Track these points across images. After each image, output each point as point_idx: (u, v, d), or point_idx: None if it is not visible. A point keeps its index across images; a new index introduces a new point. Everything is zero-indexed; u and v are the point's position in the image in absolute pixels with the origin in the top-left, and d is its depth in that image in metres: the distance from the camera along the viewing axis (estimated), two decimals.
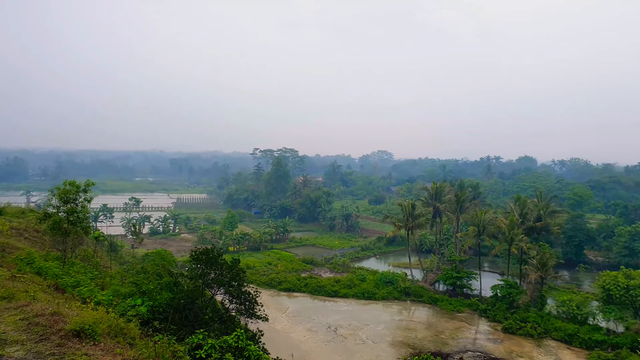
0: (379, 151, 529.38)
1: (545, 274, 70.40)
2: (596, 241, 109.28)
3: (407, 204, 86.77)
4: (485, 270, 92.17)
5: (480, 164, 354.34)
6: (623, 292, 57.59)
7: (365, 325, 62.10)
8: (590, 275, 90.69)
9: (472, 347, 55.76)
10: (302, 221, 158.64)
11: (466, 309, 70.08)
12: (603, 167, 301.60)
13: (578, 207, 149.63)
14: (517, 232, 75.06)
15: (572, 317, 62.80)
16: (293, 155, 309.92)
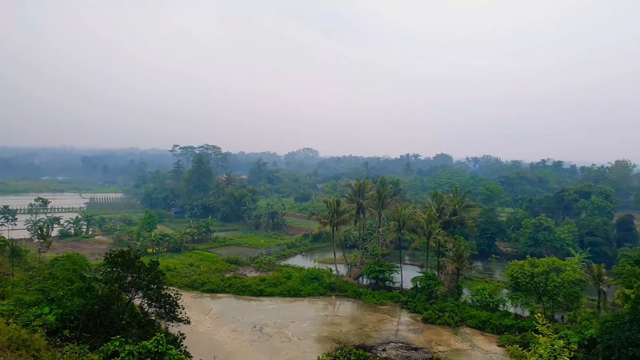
0: (304, 149, 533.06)
1: (461, 265, 74.87)
2: (506, 233, 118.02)
3: (332, 201, 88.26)
4: (406, 263, 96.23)
5: (400, 162, 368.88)
6: (528, 280, 62.74)
7: (291, 323, 62.36)
8: (501, 264, 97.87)
9: (395, 339, 58.01)
10: (226, 220, 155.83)
11: (388, 301, 72.75)
12: (511, 164, 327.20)
13: (490, 201, 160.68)
14: (434, 226, 79.11)
15: (485, 305, 67.43)
16: (216, 152, 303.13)
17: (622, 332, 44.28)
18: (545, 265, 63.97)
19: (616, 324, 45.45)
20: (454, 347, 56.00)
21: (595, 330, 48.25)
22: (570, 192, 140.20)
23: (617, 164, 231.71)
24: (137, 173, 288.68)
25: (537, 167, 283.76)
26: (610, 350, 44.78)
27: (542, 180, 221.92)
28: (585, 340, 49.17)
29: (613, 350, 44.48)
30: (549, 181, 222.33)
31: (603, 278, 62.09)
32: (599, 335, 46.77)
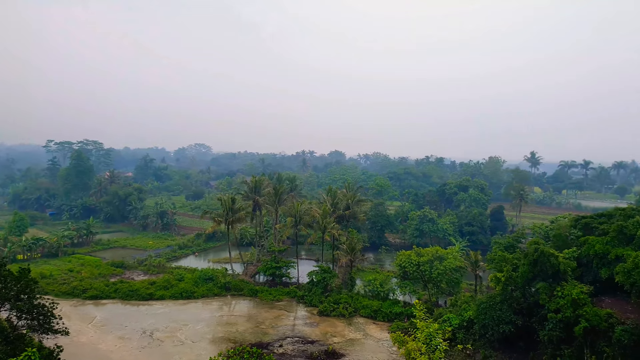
0: (196, 144, 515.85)
1: (354, 258, 78.05)
2: (394, 225, 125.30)
3: (226, 199, 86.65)
4: (302, 258, 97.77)
5: (296, 158, 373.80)
6: (415, 268, 67.36)
7: (184, 326, 60.15)
8: (391, 255, 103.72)
9: (291, 334, 58.74)
10: (110, 221, 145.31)
11: (285, 297, 73.42)
12: (399, 161, 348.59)
13: (379, 196, 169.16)
14: (329, 221, 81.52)
15: (376, 295, 71.04)
16: (97, 148, 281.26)
17: (495, 311, 49.49)
18: (430, 254, 69.15)
19: (489, 304, 50.67)
20: (348, 337, 58.23)
21: (473, 312, 53.26)
22: (450, 186, 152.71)
23: (490, 160, 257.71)
24: (4, 171, 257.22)
25: (422, 163, 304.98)
26: (485, 329, 49.81)
27: (426, 175, 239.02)
28: (464, 321, 54.08)
29: (487, 329, 49.54)
30: (432, 176, 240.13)
31: (479, 264, 68.73)
32: (476, 316, 51.74)
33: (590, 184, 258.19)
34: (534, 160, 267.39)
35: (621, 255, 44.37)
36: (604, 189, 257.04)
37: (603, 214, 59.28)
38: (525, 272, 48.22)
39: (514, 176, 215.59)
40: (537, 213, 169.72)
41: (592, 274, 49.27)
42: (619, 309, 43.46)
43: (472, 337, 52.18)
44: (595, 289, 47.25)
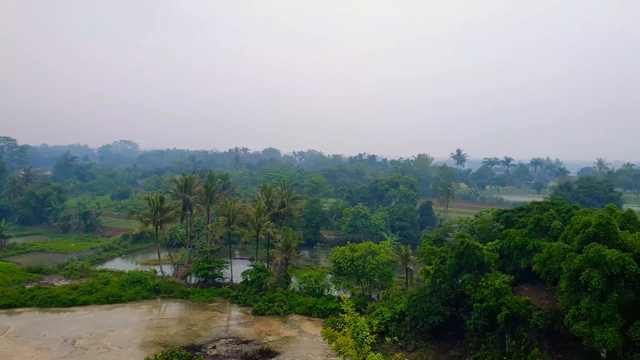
0: (122, 141, 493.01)
1: (289, 255, 78.06)
2: (329, 222, 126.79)
3: (154, 198, 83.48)
4: (236, 257, 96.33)
5: (229, 155, 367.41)
6: (349, 264, 68.53)
7: (110, 332, 57.23)
8: (326, 252, 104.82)
9: (225, 334, 57.74)
10: (26, 224, 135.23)
11: (218, 298, 72.02)
12: (333, 158, 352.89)
13: (315, 193, 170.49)
14: (264, 219, 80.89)
15: (312, 291, 71.52)
16: (10, 144, 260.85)
17: (425, 303, 51.49)
18: (363, 249, 70.66)
19: (420, 297, 52.65)
20: (283, 335, 58.17)
21: (404, 305, 55.08)
22: (382, 182, 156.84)
23: (419, 157, 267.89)
24: None
25: (355, 160, 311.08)
26: (416, 320, 51.68)
27: (360, 173, 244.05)
28: (396, 314, 55.77)
29: (418, 320, 51.43)
30: (365, 173, 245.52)
31: (409, 257, 71.21)
32: (407, 309, 53.56)
33: (511, 179, 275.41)
34: (460, 158, 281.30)
35: (538, 246, 47.70)
36: (523, 185, 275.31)
37: (522, 208, 63.43)
38: (452, 265, 50.55)
39: (442, 173, 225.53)
40: (463, 208, 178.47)
41: (513, 264, 52.59)
42: (536, 296, 46.77)
43: (404, 328, 53.96)
44: (516, 278, 50.53)
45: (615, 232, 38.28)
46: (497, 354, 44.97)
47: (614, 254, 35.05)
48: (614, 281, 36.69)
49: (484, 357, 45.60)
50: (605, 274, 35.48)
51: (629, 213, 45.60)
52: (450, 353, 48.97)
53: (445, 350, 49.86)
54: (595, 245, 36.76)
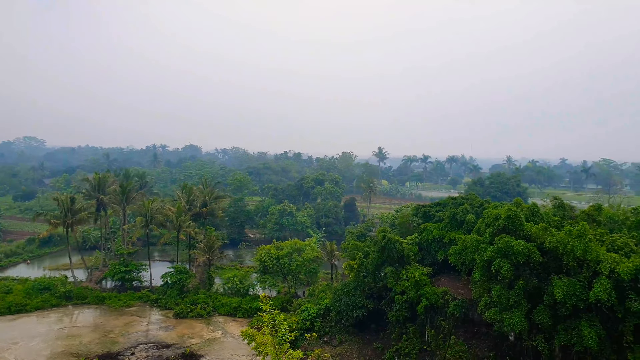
0: (25, 137, 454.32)
1: (212, 256, 76.41)
2: (254, 220, 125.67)
3: (64, 198, 78.02)
4: (155, 260, 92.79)
5: (147, 153, 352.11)
6: (275, 262, 68.43)
7: (13, 345, 52.80)
8: (251, 250, 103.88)
9: (145, 340, 55.42)
10: None
11: (137, 302, 68.92)
12: (258, 155, 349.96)
13: (239, 191, 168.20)
14: (184, 219, 78.51)
15: (236, 291, 70.57)
16: None
17: (349, 297, 52.69)
18: (289, 247, 70.90)
19: (344, 291, 53.80)
20: (206, 337, 56.93)
21: (329, 300, 56.01)
22: (308, 180, 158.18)
23: (344, 155, 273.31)
24: None
25: (281, 158, 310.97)
26: (341, 315, 52.74)
27: (285, 170, 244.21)
28: (322, 309, 56.55)
29: (343, 315, 52.51)
30: (290, 171, 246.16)
31: (334, 253, 72.50)
32: (332, 304, 54.50)
33: (429, 176, 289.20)
34: (381, 155, 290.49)
35: (454, 238, 50.50)
36: (440, 181, 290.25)
37: (439, 203, 66.87)
38: (375, 259, 52.13)
39: (365, 170, 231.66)
40: (385, 204, 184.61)
41: (431, 257, 55.27)
42: (452, 286, 49.55)
43: (329, 324, 54.87)
44: (434, 270, 53.16)
45: (522, 224, 41.45)
46: (418, 344, 47.10)
47: (520, 245, 37.96)
48: (520, 270, 39.76)
49: (405, 347, 47.54)
50: (513, 263, 38.35)
51: (533, 206, 49.58)
52: (373, 345, 50.54)
53: (369, 342, 51.39)
54: (504, 237, 39.57)
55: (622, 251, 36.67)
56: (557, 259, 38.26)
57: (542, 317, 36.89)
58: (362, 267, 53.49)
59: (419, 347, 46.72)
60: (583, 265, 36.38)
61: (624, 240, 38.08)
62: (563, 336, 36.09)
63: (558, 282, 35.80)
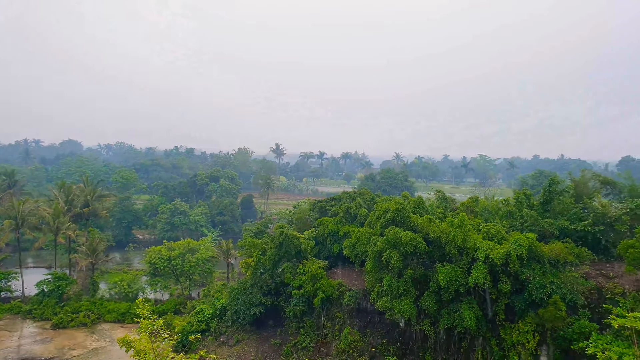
0: None
1: (96, 260, 71.35)
2: (143, 220, 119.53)
3: None
4: (29, 266, 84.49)
5: (16, 148, 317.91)
6: (166, 264, 65.86)
7: None
8: (140, 253, 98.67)
9: (16, 356, 50.36)
10: None
11: (6, 315, 62.16)
12: (146, 151, 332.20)
13: (125, 190, 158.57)
14: (63, 221, 72.42)
15: (125, 296, 66.68)
16: None
17: (246, 296, 52.47)
18: (182, 247, 68.66)
19: (241, 290, 53.46)
20: (91, 347, 53.23)
21: (226, 299, 55.29)
22: (202, 177, 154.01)
23: (240, 151, 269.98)
24: None
25: (171, 154, 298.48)
26: (238, 314, 52.33)
27: (177, 167, 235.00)
28: (217, 310, 55.62)
29: (240, 313, 52.14)
30: (182, 167, 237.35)
31: (231, 252, 71.64)
32: (228, 303, 53.87)
33: (325, 172, 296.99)
34: (279, 152, 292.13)
35: (348, 231, 52.59)
36: (336, 176, 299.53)
37: (334, 198, 69.15)
38: (272, 255, 52.50)
39: (262, 166, 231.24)
40: (282, 200, 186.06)
41: (327, 250, 57.01)
42: (347, 278, 51.58)
43: (226, 324, 54.15)
44: (330, 263, 54.96)
45: (409, 216, 44.42)
46: (315, 337, 48.40)
47: (408, 236, 40.68)
48: (409, 259, 42.67)
49: (302, 341, 48.58)
50: (402, 253, 41.00)
51: (419, 199, 53.36)
52: (271, 342, 50.90)
53: (267, 339, 51.66)
54: (393, 228, 42.11)
55: (495, 238, 40.89)
56: (440, 248, 41.61)
57: (428, 302, 40.01)
58: (260, 264, 53.57)
59: (316, 340, 48.04)
60: (463, 253, 39.99)
61: (497, 228, 42.48)
62: (446, 319, 39.45)
63: (442, 269, 39.00)
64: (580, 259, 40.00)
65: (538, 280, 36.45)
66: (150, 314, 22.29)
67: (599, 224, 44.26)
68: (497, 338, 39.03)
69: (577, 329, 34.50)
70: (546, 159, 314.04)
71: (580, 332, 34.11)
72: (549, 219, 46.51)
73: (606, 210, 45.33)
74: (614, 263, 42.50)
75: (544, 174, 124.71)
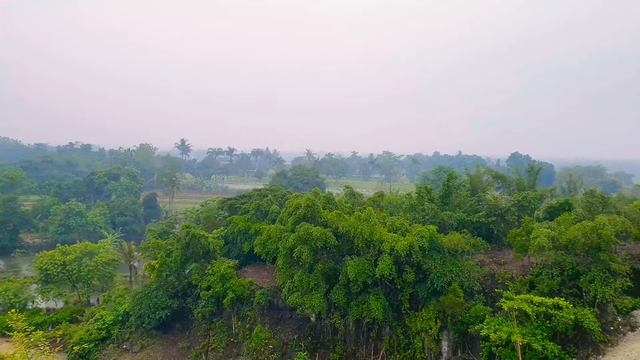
0: None
1: None
2: (32, 223, 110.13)
3: None
4: None
5: None
6: (60, 269, 61.08)
7: None
8: (29, 258, 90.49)
9: None
10: None
11: None
12: (35, 147, 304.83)
13: (11, 190, 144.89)
14: None
15: (11, 307, 60.79)
16: None
17: (151, 299, 50.32)
18: (78, 251, 64.17)
19: (145, 293, 51.16)
20: None
21: (129, 304, 52.61)
22: (100, 175, 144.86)
23: (142, 147, 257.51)
24: None
25: (65, 150, 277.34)
26: (142, 319, 50.04)
27: (71, 164, 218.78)
28: (120, 316, 52.80)
29: (144, 318, 49.90)
30: (78, 165, 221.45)
31: (133, 254, 68.30)
32: (131, 308, 51.33)
33: (235, 169, 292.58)
34: (185, 148, 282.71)
35: (259, 229, 52.41)
36: (246, 173, 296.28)
37: (245, 195, 68.46)
38: (178, 256, 50.86)
39: (166, 163, 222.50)
40: (190, 198, 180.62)
41: (237, 249, 56.33)
42: (258, 276, 51.40)
43: (129, 330, 51.59)
44: (240, 262, 54.38)
45: (319, 211, 45.33)
46: (225, 337, 47.72)
47: (318, 231, 41.49)
48: (319, 254, 43.54)
49: (212, 342, 47.69)
50: (313, 248, 41.74)
51: (329, 195, 54.59)
52: (179, 345, 49.37)
53: (174, 343, 50.01)
54: (304, 224, 42.72)
55: (400, 231, 43.03)
56: (349, 242, 42.96)
57: (338, 296, 41.18)
58: (165, 266, 51.67)
59: (227, 341, 47.42)
60: (370, 246, 41.63)
61: (401, 221, 44.70)
62: (355, 311, 40.86)
63: (350, 262, 40.29)
64: (475, 248, 43.37)
65: (439, 269, 38.98)
66: (26, 325, 20.66)
67: (491, 215, 48.24)
68: (402, 326, 41.18)
69: (473, 313, 37.38)
70: (446, 156, 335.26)
71: (476, 316, 37.01)
72: (448, 212, 49.83)
73: (497, 203, 49.56)
74: (505, 250, 46.60)
75: (443, 170, 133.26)
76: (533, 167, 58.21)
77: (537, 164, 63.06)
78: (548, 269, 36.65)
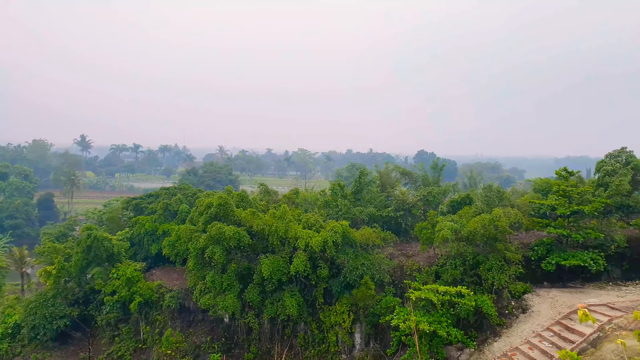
0: None
1: None
2: None
3: None
4: None
5: None
6: None
7: None
8: None
9: None
10: None
11: None
12: None
13: None
14: None
15: None
16: None
17: (47, 308, 46.67)
18: None
19: (40, 302, 47.33)
20: None
21: (20, 315, 48.42)
22: None
23: (35, 143, 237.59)
24: None
25: None
26: (36, 330, 46.26)
27: None
28: (9, 328, 48.47)
29: (38, 329, 46.17)
30: None
31: (26, 260, 62.99)
32: (24, 319, 47.29)
33: (141, 166, 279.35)
34: (85, 144, 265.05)
35: (167, 230, 50.50)
36: (154, 171, 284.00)
37: (152, 194, 65.61)
38: (79, 260, 47.64)
39: (64, 161, 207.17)
40: (91, 198, 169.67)
41: (145, 251, 53.91)
42: (167, 278, 49.58)
43: (20, 343, 47.48)
44: (148, 264, 52.15)
45: (232, 210, 44.62)
46: (132, 343, 45.54)
47: (231, 230, 40.84)
48: (232, 253, 42.89)
49: (118, 350, 45.31)
50: (226, 248, 41.03)
51: (242, 193, 53.96)
52: (80, 356, 46.32)
53: (75, 354, 46.82)
54: (216, 223, 41.83)
55: (314, 227, 43.59)
56: (264, 240, 42.77)
57: (252, 295, 40.89)
58: (64, 272, 48.15)
59: (134, 347, 45.29)
60: (285, 243, 41.76)
61: (315, 218, 45.34)
62: (270, 309, 40.81)
63: (265, 260, 40.15)
64: (385, 241, 45.11)
65: (351, 263, 40.09)
66: None
67: (399, 210, 50.53)
68: (317, 321, 41.83)
69: (384, 304, 38.89)
70: (358, 153, 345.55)
71: (387, 307, 38.54)
72: (360, 207, 51.41)
73: (405, 198, 52.00)
74: (412, 243, 49.01)
75: (355, 167, 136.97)
76: (437, 164, 61.67)
77: (441, 160, 66.76)
78: (452, 260, 39.08)
